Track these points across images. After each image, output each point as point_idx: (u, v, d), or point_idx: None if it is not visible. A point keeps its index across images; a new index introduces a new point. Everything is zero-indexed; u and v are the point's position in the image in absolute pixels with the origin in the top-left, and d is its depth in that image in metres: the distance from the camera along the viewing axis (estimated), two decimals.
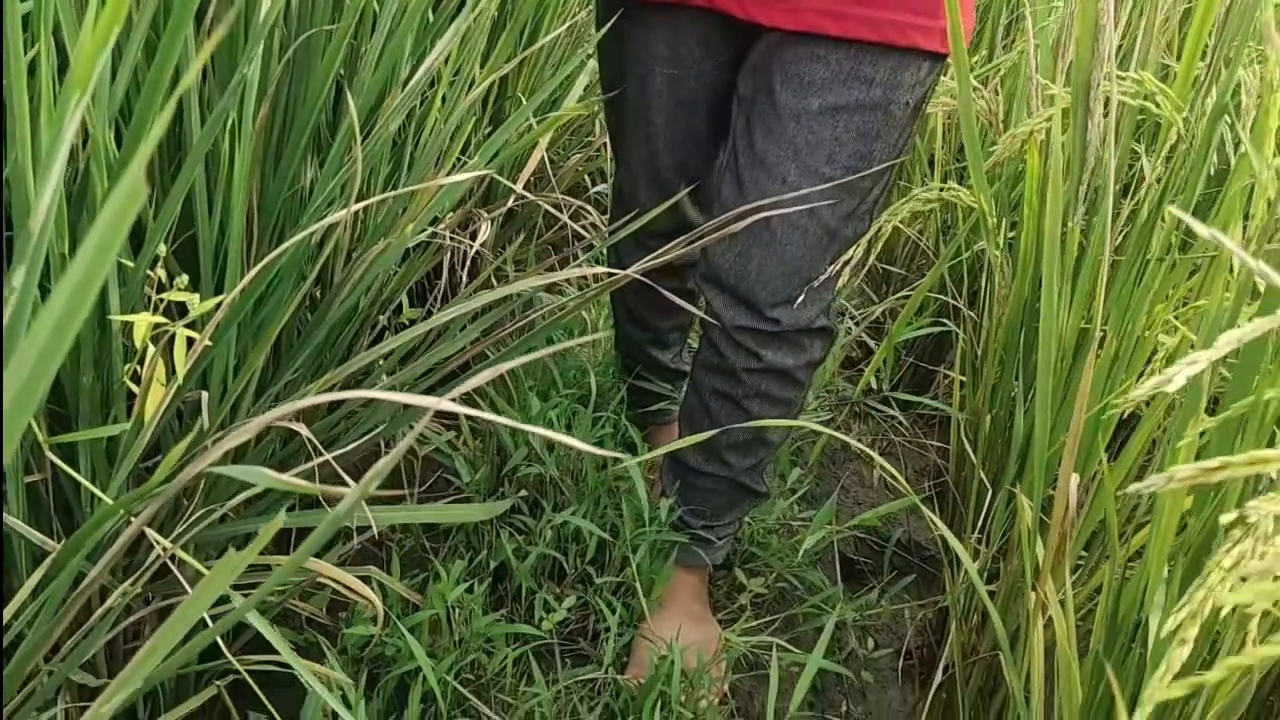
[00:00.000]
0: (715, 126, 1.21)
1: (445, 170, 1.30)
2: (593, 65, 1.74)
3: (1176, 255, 0.96)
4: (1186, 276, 1.02)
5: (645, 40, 1.15)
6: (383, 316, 1.32)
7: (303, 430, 0.77)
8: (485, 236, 1.43)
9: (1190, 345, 0.93)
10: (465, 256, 1.65)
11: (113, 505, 0.68)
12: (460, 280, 1.64)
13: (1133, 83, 0.94)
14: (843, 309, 2.05)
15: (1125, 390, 0.94)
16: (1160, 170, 1.06)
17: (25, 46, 0.68)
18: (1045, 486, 1.08)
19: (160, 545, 0.73)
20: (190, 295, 0.84)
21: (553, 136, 1.69)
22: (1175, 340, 0.97)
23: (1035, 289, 1.20)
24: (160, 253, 0.84)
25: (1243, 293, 0.71)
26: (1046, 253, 0.83)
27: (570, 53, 1.84)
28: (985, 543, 1.32)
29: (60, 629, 0.81)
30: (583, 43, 1.88)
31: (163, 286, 0.84)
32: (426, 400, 0.50)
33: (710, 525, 1.29)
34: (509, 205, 1.69)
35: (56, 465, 0.84)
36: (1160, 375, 0.45)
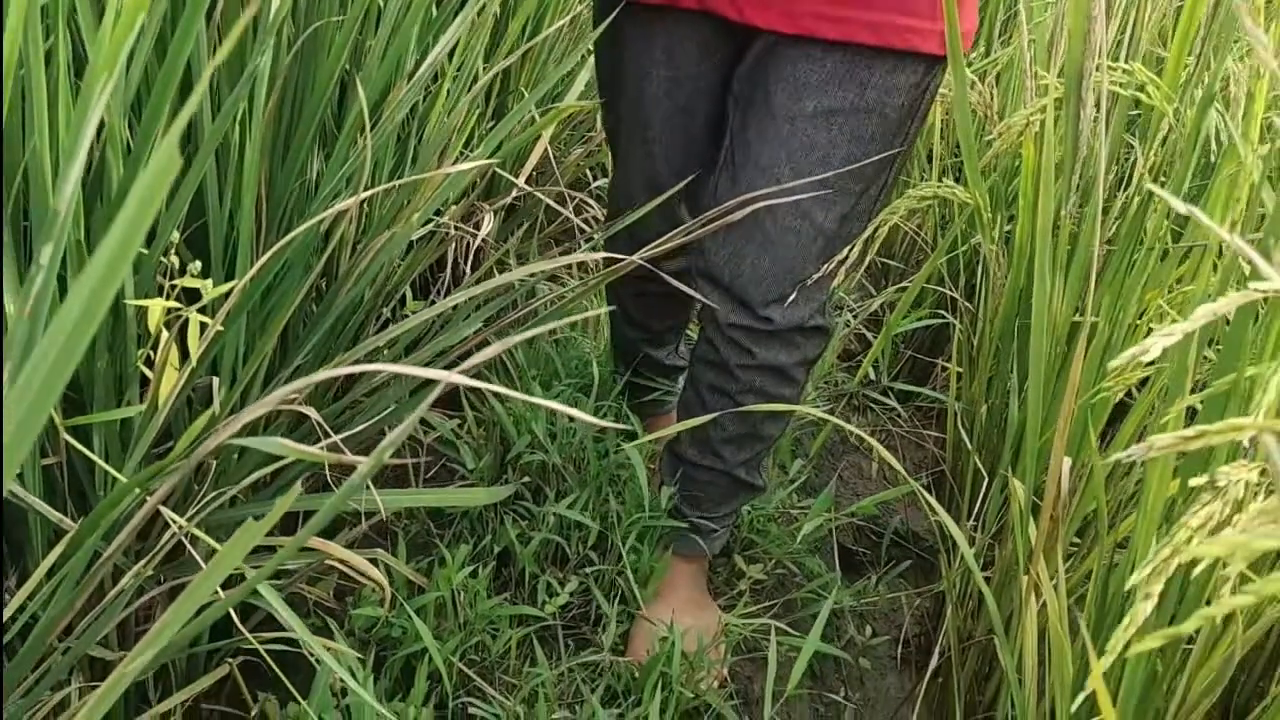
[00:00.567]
0: (713, 132, 1.20)
1: (449, 163, 1.32)
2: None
3: (1168, 243, 0.98)
4: (1178, 264, 1.04)
5: (643, 43, 1.14)
6: (387, 309, 1.34)
7: (312, 413, 0.79)
8: (488, 229, 1.45)
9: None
10: (468, 249, 1.67)
11: (130, 481, 0.70)
12: (463, 273, 1.66)
13: (1124, 73, 0.96)
14: (841, 302, 2.07)
15: (1119, 375, 0.95)
16: (1152, 160, 1.08)
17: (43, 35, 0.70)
18: (1038, 472, 1.10)
19: (176, 523, 0.75)
20: (203, 282, 0.86)
21: (555, 131, 1.71)
22: (1165, 326, 0.99)
23: (1030, 281, 1.21)
24: (173, 240, 0.86)
25: (1228, 275, 0.73)
26: (1038, 240, 0.85)
27: (572, 47, 1.86)
28: (981, 529, 1.34)
29: (75, 609, 0.83)
30: (584, 37, 1.89)
31: (174, 274, 0.86)
32: (435, 373, 0.52)
33: (706, 516, 1.30)
34: (511, 198, 1.71)
35: (72, 448, 0.86)
36: (1137, 347, 0.47)
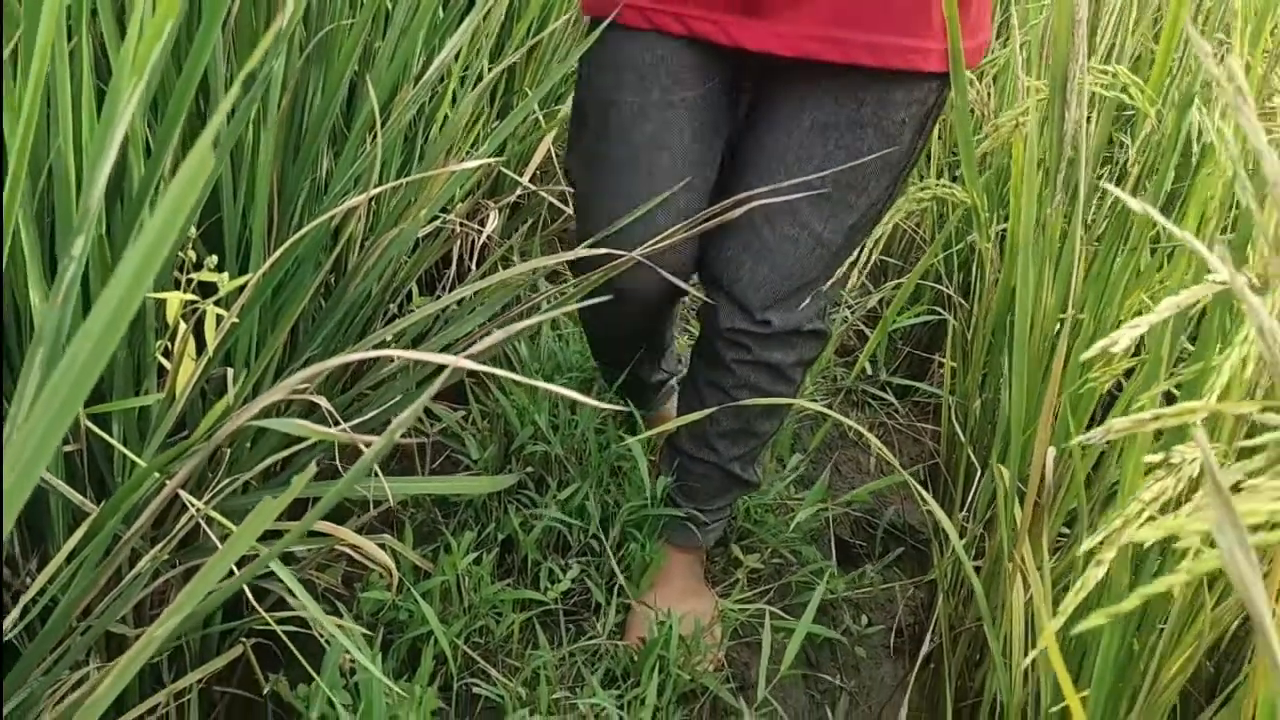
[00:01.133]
0: (712, 154, 1.13)
1: (456, 162, 1.36)
2: None
3: (1148, 241, 1.01)
4: (1164, 261, 1.07)
5: (645, 64, 1.08)
6: (394, 304, 1.37)
7: (322, 402, 0.83)
8: (493, 226, 1.49)
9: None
10: (473, 247, 1.71)
11: (151, 464, 0.74)
12: (468, 270, 1.70)
13: (1108, 75, 0.99)
14: (839, 298, 2.10)
15: (1105, 366, 0.99)
16: (1143, 159, 1.11)
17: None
18: (1023, 463, 1.13)
19: (193, 505, 0.79)
20: (219, 275, 0.89)
21: (558, 131, 1.74)
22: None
23: None
24: (190, 235, 0.90)
25: (1202, 270, 0.76)
26: (1021, 236, 0.88)
27: (576, 47, 1.89)
28: (972, 519, 1.37)
29: (95, 589, 0.86)
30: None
31: (191, 268, 0.90)
32: (442, 358, 0.55)
33: (701, 508, 1.33)
34: (515, 197, 1.75)
35: (92, 435, 0.90)
36: (1106, 339, 0.50)
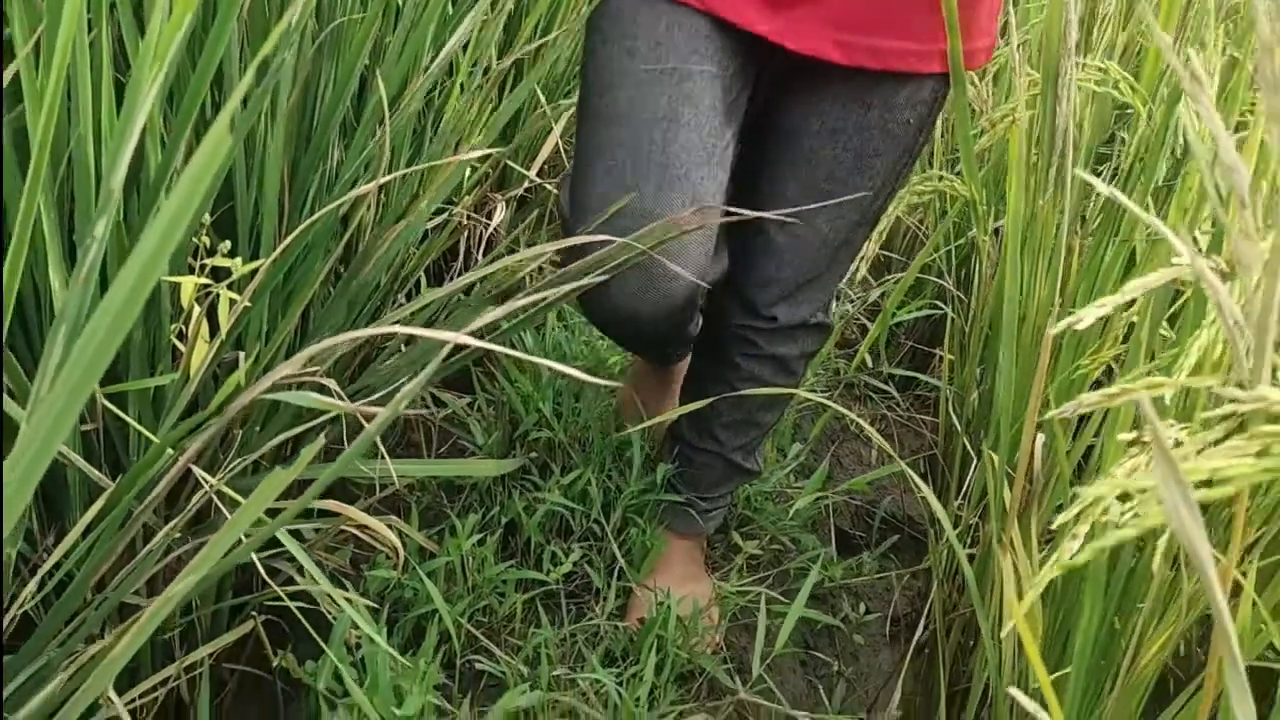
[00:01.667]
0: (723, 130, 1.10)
1: (464, 152, 1.38)
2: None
3: (1138, 232, 1.03)
4: (1150, 253, 1.09)
5: (691, 31, 1.02)
6: (402, 294, 1.40)
7: (330, 383, 0.86)
8: (500, 218, 1.51)
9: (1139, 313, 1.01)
10: (480, 239, 1.73)
11: (165, 438, 0.77)
12: (476, 261, 1.73)
13: (1100, 70, 1.01)
14: (840, 292, 2.13)
15: (1095, 354, 1.01)
16: (1131, 153, 1.13)
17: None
18: (1014, 450, 1.15)
19: (206, 481, 0.82)
20: (232, 261, 0.92)
21: (565, 125, 1.77)
22: (1132, 311, 1.05)
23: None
24: (204, 221, 0.93)
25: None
26: (1009, 226, 0.91)
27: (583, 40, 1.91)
28: (966, 507, 1.39)
29: (108, 563, 0.89)
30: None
31: (204, 254, 0.93)
32: (450, 335, 0.58)
33: (701, 496, 1.35)
34: (522, 190, 1.77)
35: (109, 414, 0.93)
36: (1072, 316, 0.53)
